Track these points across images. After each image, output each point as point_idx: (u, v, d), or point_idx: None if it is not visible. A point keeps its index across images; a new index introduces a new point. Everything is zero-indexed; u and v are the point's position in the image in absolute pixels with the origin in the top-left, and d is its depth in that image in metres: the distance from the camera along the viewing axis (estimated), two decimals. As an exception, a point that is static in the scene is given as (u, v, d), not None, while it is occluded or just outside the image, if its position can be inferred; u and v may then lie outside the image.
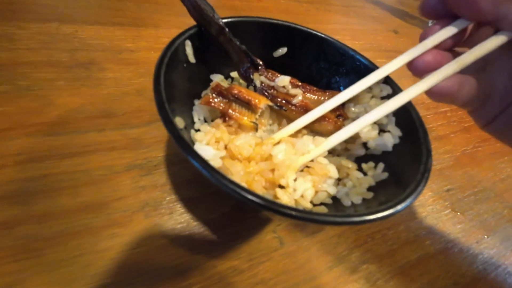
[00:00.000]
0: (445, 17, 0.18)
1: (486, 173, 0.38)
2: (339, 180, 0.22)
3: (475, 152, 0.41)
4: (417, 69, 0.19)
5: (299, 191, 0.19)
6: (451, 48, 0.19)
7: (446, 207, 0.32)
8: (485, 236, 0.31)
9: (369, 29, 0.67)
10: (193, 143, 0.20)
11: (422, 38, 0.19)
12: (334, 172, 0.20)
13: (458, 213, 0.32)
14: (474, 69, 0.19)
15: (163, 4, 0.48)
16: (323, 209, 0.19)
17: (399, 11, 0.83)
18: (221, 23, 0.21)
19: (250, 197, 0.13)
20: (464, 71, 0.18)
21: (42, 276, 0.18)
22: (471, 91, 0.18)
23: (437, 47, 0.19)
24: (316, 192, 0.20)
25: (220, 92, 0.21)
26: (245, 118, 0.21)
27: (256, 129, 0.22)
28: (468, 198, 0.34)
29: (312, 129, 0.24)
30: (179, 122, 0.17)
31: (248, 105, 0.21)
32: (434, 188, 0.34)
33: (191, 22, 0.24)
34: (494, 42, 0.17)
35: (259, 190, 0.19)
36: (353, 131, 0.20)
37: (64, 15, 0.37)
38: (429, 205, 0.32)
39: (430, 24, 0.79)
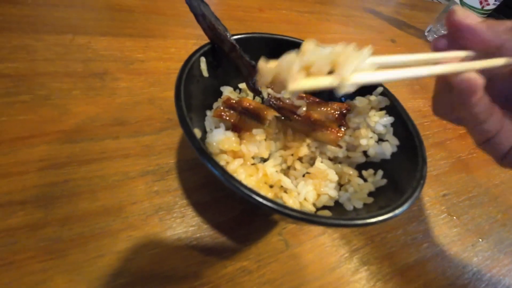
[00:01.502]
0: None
1: (480, 179, 0.40)
2: (341, 186, 0.24)
3: (470, 158, 0.43)
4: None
5: (302, 194, 0.20)
6: None
7: (443, 212, 0.34)
8: (480, 240, 0.32)
9: (367, 38, 0.69)
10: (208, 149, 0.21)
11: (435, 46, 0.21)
12: (333, 176, 0.22)
13: (454, 217, 0.34)
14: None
15: (171, 15, 0.50)
16: (327, 213, 0.21)
17: (397, 20, 0.85)
18: (233, 41, 0.23)
19: (264, 202, 0.14)
20: None
21: (64, 275, 0.20)
22: (486, 110, 0.18)
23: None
24: (319, 195, 0.22)
25: (231, 105, 0.22)
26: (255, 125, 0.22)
27: (264, 139, 0.23)
28: (464, 203, 0.36)
29: (316, 138, 0.26)
30: (197, 133, 0.18)
31: (256, 117, 0.23)
32: (431, 193, 0.36)
33: (197, 32, 0.26)
34: (499, 60, 0.18)
35: (266, 190, 0.20)
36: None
37: (78, 27, 0.39)
38: (426, 210, 0.33)
39: (426, 33, 0.82)
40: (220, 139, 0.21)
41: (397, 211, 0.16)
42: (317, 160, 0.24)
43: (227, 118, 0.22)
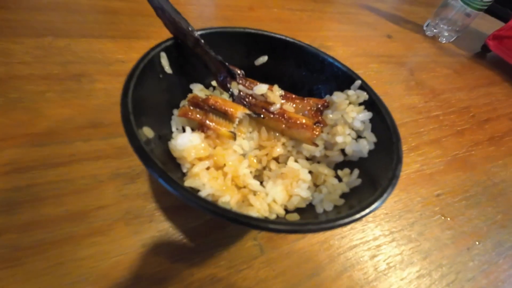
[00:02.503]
0: None
1: (479, 177, 0.38)
2: (316, 186, 0.22)
3: (468, 156, 0.41)
4: None
5: (270, 196, 0.19)
6: None
7: (436, 213, 0.32)
8: (477, 242, 0.30)
9: (362, 35, 0.67)
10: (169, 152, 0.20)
11: None
12: (305, 175, 0.20)
13: (448, 219, 0.32)
14: None
15: (156, 16, 0.49)
16: (295, 216, 0.19)
17: (395, 16, 0.83)
18: (196, 35, 0.22)
19: (214, 209, 0.13)
20: None
21: (19, 285, 0.19)
22: None
23: None
24: (290, 196, 0.20)
25: (197, 103, 0.21)
26: (223, 128, 0.21)
27: (234, 138, 0.22)
28: (459, 203, 0.34)
29: (291, 136, 0.24)
30: (148, 132, 0.17)
31: (225, 115, 0.22)
32: (423, 193, 0.34)
33: None
34: None
35: (232, 193, 0.19)
36: None
37: (59, 29, 0.39)
38: (418, 211, 0.32)
39: (425, 28, 0.79)
40: (186, 146, 0.19)
41: (363, 213, 0.15)
42: (290, 159, 0.23)
43: (193, 117, 0.21)
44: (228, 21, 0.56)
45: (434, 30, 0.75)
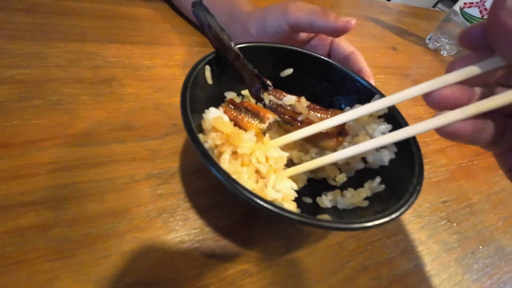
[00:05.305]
0: (482, 50, 0.17)
1: (481, 186, 0.40)
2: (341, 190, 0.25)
3: (471, 165, 0.43)
4: (432, 102, 0.18)
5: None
6: (477, 85, 0.18)
7: (442, 218, 0.34)
8: (480, 247, 0.33)
9: (369, 46, 0.70)
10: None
11: (449, 69, 0.18)
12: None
13: (454, 224, 0.34)
14: (505, 113, 0.18)
15: (176, 23, 0.51)
16: (326, 217, 0.21)
17: (398, 28, 0.87)
18: (237, 50, 0.24)
19: (266, 205, 0.15)
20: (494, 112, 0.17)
21: (72, 275, 0.20)
22: (494, 135, 0.18)
23: (462, 82, 0.17)
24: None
25: (234, 103, 0.23)
26: (254, 124, 0.23)
27: (264, 134, 0.24)
28: (464, 209, 0.36)
29: (316, 144, 0.26)
30: (202, 138, 0.19)
31: (257, 116, 0.24)
32: (431, 199, 0.36)
33: (201, 40, 0.27)
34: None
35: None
36: (354, 153, 0.22)
37: (87, 34, 0.41)
38: (426, 216, 0.34)
39: (427, 41, 0.83)
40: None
41: (393, 216, 0.17)
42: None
43: (229, 113, 0.23)
44: (243, 30, 0.58)
45: (436, 44, 0.79)
